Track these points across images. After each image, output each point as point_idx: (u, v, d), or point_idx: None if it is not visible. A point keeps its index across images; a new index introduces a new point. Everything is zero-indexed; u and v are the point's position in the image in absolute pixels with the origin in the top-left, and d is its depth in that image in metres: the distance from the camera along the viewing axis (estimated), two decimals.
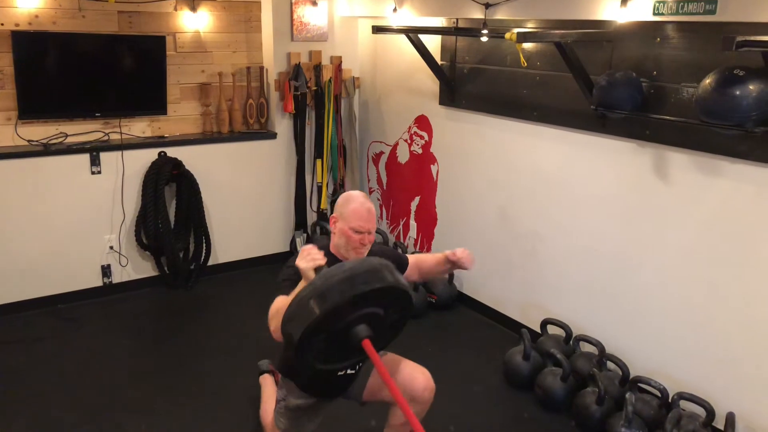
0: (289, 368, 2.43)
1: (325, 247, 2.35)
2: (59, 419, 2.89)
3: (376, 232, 4.46)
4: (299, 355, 1.92)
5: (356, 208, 2.25)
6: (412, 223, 4.53)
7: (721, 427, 2.64)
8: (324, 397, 2.45)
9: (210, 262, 4.40)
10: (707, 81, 2.41)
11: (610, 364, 3.10)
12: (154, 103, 4.14)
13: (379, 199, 4.83)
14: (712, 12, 2.40)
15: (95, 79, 3.95)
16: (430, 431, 2.82)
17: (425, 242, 4.43)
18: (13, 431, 2.79)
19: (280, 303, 2.09)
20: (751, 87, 2.30)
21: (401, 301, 2.01)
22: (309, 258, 1.99)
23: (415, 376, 2.37)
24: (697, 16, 2.45)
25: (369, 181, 4.92)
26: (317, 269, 1.98)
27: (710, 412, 2.65)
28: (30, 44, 3.71)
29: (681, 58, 2.71)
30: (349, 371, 2.38)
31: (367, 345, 1.90)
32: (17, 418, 2.89)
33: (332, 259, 2.31)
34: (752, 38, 2.15)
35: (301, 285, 2.00)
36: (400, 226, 4.65)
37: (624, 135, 3.00)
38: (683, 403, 2.77)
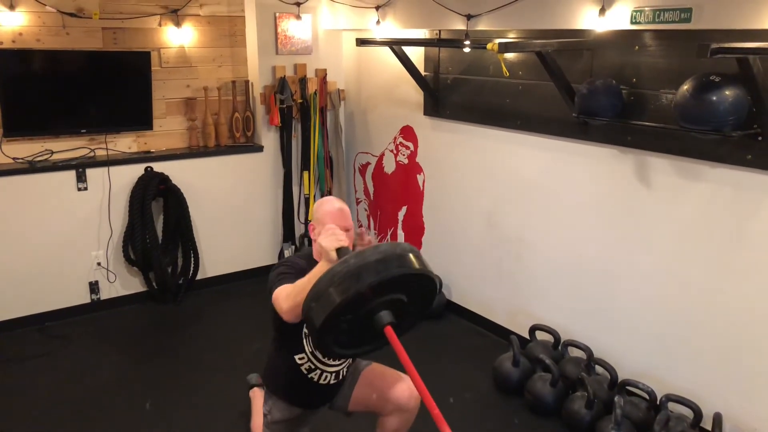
0: (273, 377, 2.43)
1: (307, 256, 2.38)
2: None
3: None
4: (322, 334, 1.90)
5: (329, 210, 2.29)
6: (400, 233, 4.55)
7: (709, 428, 2.67)
8: (307, 408, 2.45)
9: (198, 276, 4.39)
10: (685, 87, 2.46)
11: (598, 368, 3.13)
12: (140, 119, 4.15)
13: (366, 210, 4.86)
14: (688, 20, 2.45)
15: (80, 95, 3.94)
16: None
17: None
18: None
19: (290, 288, 2.08)
20: (727, 92, 2.36)
21: (426, 289, 2.01)
22: (333, 238, 1.98)
23: (401, 386, 2.39)
24: (673, 24, 2.51)
25: (356, 192, 4.95)
26: (339, 250, 1.97)
27: (698, 413, 2.69)
28: (14, 62, 3.72)
29: (659, 66, 2.76)
30: (332, 381, 2.38)
31: (389, 331, 1.90)
32: None
33: (314, 263, 2.31)
34: (726, 45, 2.20)
35: (321, 266, 1.98)
36: (388, 237, 4.67)
37: (605, 141, 3.05)
38: (671, 405, 2.81)
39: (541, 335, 3.44)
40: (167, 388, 3.28)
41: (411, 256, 1.92)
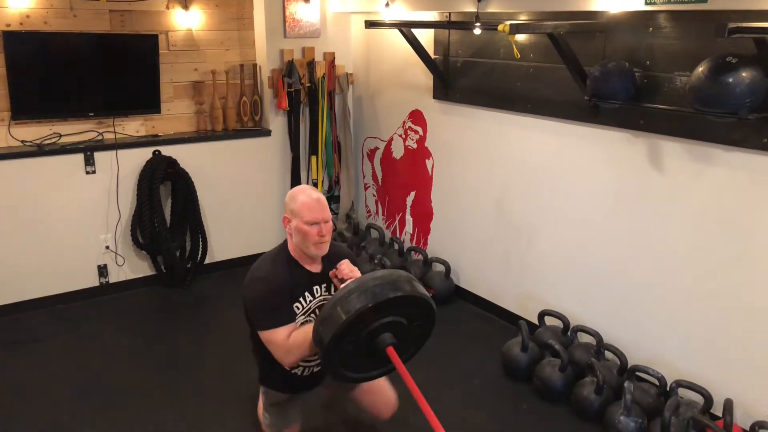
0: (262, 368, 2.44)
1: (280, 253, 2.29)
2: (60, 418, 2.88)
3: (374, 228, 4.51)
4: (327, 357, 2.04)
5: (305, 201, 2.18)
6: (408, 219, 4.53)
7: (720, 414, 2.65)
8: (296, 393, 2.45)
9: (207, 261, 4.39)
10: (700, 69, 2.42)
11: (608, 354, 3.11)
12: (148, 102, 4.13)
13: (374, 195, 4.83)
14: (704, 0, 2.40)
15: (88, 78, 3.93)
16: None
17: (421, 237, 4.44)
18: (15, 430, 2.78)
19: (286, 342, 2.15)
20: (743, 74, 2.31)
21: (425, 314, 2.14)
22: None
23: (382, 405, 2.50)
24: (688, 4, 2.46)
25: (364, 177, 4.92)
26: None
27: (708, 399, 2.66)
28: (21, 44, 3.70)
29: (674, 48, 2.72)
30: (315, 370, 2.37)
31: (391, 352, 2.04)
32: (19, 418, 2.88)
33: (290, 264, 2.26)
34: (744, 25, 2.16)
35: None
36: (396, 222, 4.65)
37: (618, 125, 3.01)
38: (681, 391, 2.79)
39: (550, 321, 3.42)
40: (176, 370, 3.29)
41: (404, 281, 2.06)
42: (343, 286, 2.05)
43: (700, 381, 2.75)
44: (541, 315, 3.42)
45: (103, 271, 4.10)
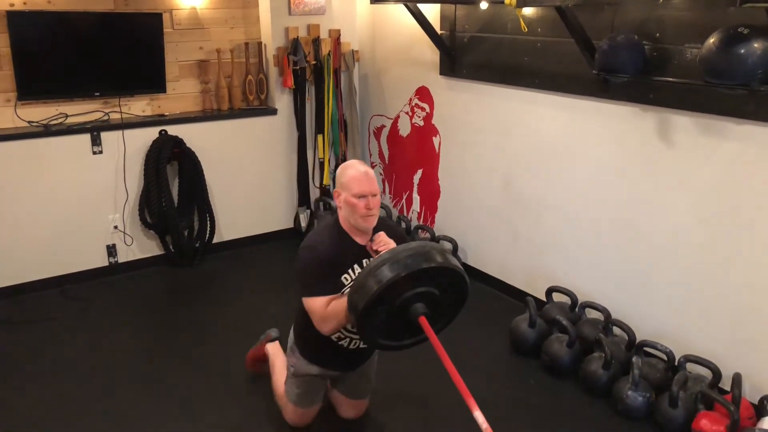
0: (303, 340, 2.46)
1: (332, 225, 2.36)
2: (71, 396, 2.92)
3: (382, 207, 4.50)
4: (362, 324, 2.09)
5: (353, 175, 2.25)
6: (415, 197, 4.52)
7: (728, 389, 2.65)
8: (334, 370, 2.49)
9: (215, 240, 4.41)
10: (711, 40, 2.37)
11: (616, 330, 3.11)
12: (153, 82, 4.12)
13: (381, 174, 4.82)
14: None
15: (93, 58, 3.92)
16: (440, 403, 2.85)
17: (428, 215, 4.43)
18: (27, 408, 2.83)
19: (324, 310, 2.22)
20: (756, 45, 2.27)
21: (457, 285, 2.18)
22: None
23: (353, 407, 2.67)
24: None
25: (371, 155, 4.91)
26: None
27: (716, 374, 2.67)
28: (25, 24, 3.68)
29: (684, 19, 2.67)
30: (361, 346, 2.40)
31: (423, 321, 2.09)
32: (31, 394, 2.92)
33: (341, 236, 2.32)
34: None
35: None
36: (403, 200, 4.64)
37: (627, 99, 2.97)
38: (690, 366, 2.79)
39: (558, 297, 3.42)
40: (185, 348, 3.31)
41: (439, 253, 2.09)
42: (377, 256, 2.12)
43: (708, 356, 2.75)
44: (549, 291, 3.42)
45: (111, 250, 4.13)
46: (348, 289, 2.24)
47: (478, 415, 1.88)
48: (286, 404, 2.58)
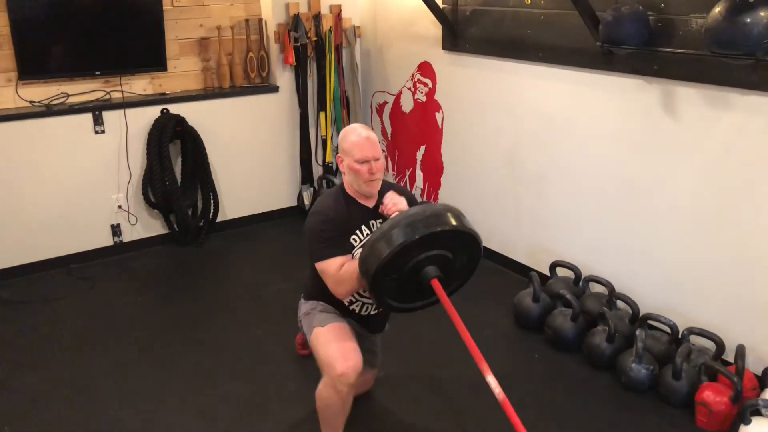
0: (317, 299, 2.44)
1: (337, 191, 2.37)
2: (79, 373, 2.95)
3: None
4: (374, 287, 2.10)
5: (355, 140, 2.24)
6: (419, 173, 4.51)
7: (732, 360, 2.66)
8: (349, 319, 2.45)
9: (219, 219, 4.42)
10: (717, 10, 2.34)
11: (620, 303, 3.11)
12: (154, 60, 4.10)
13: (384, 151, 4.80)
14: None
15: (93, 36, 3.89)
16: (440, 377, 2.87)
17: (432, 192, 4.42)
18: (35, 385, 2.86)
19: (338, 273, 2.19)
20: (762, 14, 2.23)
21: (471, 249, 2.18)
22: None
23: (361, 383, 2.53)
24: None
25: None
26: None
27: (720, 346, 2.67)
28: (25, 3, 3.65)
29: None
30: (372, 312, 2.41)
31: (436, 284, 2.09)
32: (39, 372, 2.96)
33: (347, 199, 2.33)
34: None
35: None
36: (406, 177, 4.63)
37: (631, 72, 2.94)
38: (693, 339, 2.79)
39: (562, 272, 3.42)
40: (191, 326, 3.34)
41: (452, 215, 2.10)
42: (390, 218, 2.11)
43: (712, 328, 2.75)
44: (553, 266, 3.42)
45: (116, 230, 4.14)
46: (359, 251, 2.24)
47: (491, 380, 1.89)
48: (321, 343, 2.27)
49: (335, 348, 2.20)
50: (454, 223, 2.09)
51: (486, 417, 2.60)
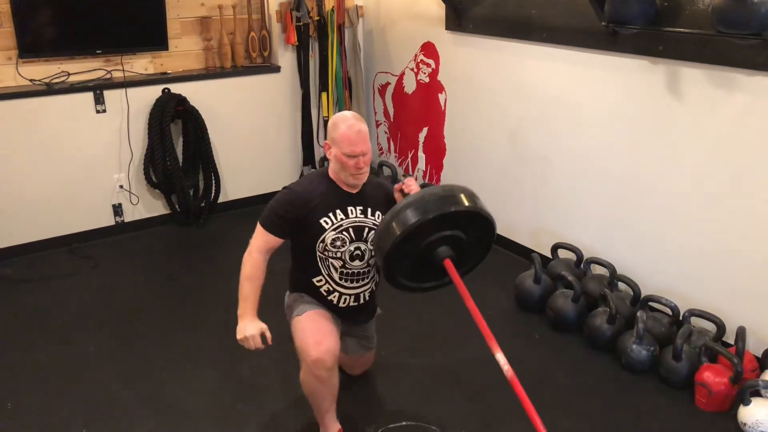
0: (298, 289, 2.44)
1: (320, 173, 2.35)
2: (80, 351, 2.96)
3: (386, 165, 4.48)
4: (385, 265, 2.11)
5: (345, 133, 2.18)
6: (421, 155, 4.49)
7: (732, 342, 2.66)
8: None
9: (220, 200, 4.41)
10: None
11: (621, 285, 3.12)
12: (155, 39, 4.06)
13: (386, 132, 4.78)
14: None
15: (94, 14, 3.86)
16: (442, 358, 2.88)
17: (434, 174, 4.41)
18: (38, 363, 2.87)
19: (255, 257, 2.31)
20: None
21: (484, 230, 2.18)
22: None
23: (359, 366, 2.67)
24: None
25: (375, 114, 4.86)
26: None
27: (721, 327, 2.68)
28: None
29: None
30: (351, 304, 2.38)
31: (448, 264, 2.11)
32: (42, 350, 2.97)
33: (328, 181, 2.31)
34: None
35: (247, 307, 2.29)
36: (409, 159, 4.62)
37: (635, 52, 2.91)
38: (694, 320, 2.80)
39: (563, 254, 3.42)
40: (193, 306, 3.35)
41: (466, 196, 2.10)
42: (405, 198, 2.11)
43: (713, 310, 2.75)
44: (555, 248, 3.42)
45: (118, 210, 4.14)
46: (333, 233, 2.24)
47: (500, 357, 1.91)
48: (298, 330, 2.28)
49: (309, 334, 2.20)
50: (468, 203, 2.08)
51: (488, 397, 2.61)
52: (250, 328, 2.19)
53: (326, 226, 2.26)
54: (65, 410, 2.57)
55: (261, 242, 2.29)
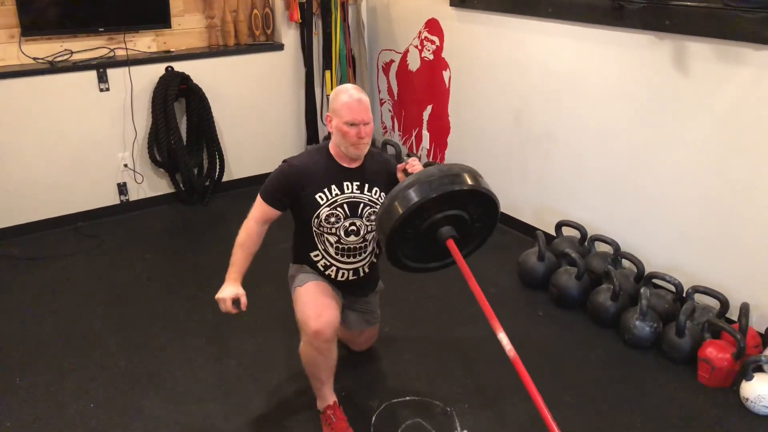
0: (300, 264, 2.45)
1: (320, 147, 2.35)
2: (87, 327, 2.99)
3: (390, 144, 4.47)
4: (388, 245, 2.10)
5: (346, 101, 2.18)
6: (425, 134, 4.47)
7: (735, 319, 2.66)
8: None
9: (225, 179, 4.41)
10: None
11: (625, 262, 3.12)
12: (158, 16, 4.04)
13: (390, 111, 4.76)
14: None
15: None
16: (445, 334, 2.90)
17: (438, 152, 4.39)
18: (46, 341, 2.90)
19: (251, 226, 2.40)
20: None
21: (487, 209, 2.17)
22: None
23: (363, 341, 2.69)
24: None
25: (379, 91, 4.84)
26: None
27: (724, 304, 2.68)
28: None
29: None
30: (350, 278, 2.39)
31: (451, 244, 2.10)
32: (49, 328, 3.00)
33: (327, 156, 2.31)
34: None
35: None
36: (413, 138, 4.60)
37: (641, 27, 2.88)
38: (698, 297, 2.80)
39: (567, 231, 3.42)
40: (198, 283, 3.37)
41: (468, 175, 2.07)
42: (408, 177, 2.10)
43: (717, 287, 2.75)
44: (559, 226, 3.41)
45: (122, 189, 4.15)
46: (327, 209, 2.25)
47: (503, 337, 1.91)
48: (299, 302, 2.29)
49: (310, 306, 2.21)
50: (471, 182, 2.06)
51: (492, 373, 2.63)
52: (226, 290, 2.29)
53: (321, 202, 2.26)
54: (72, 385, 2.60)
55: (259, 213, 2.34)
